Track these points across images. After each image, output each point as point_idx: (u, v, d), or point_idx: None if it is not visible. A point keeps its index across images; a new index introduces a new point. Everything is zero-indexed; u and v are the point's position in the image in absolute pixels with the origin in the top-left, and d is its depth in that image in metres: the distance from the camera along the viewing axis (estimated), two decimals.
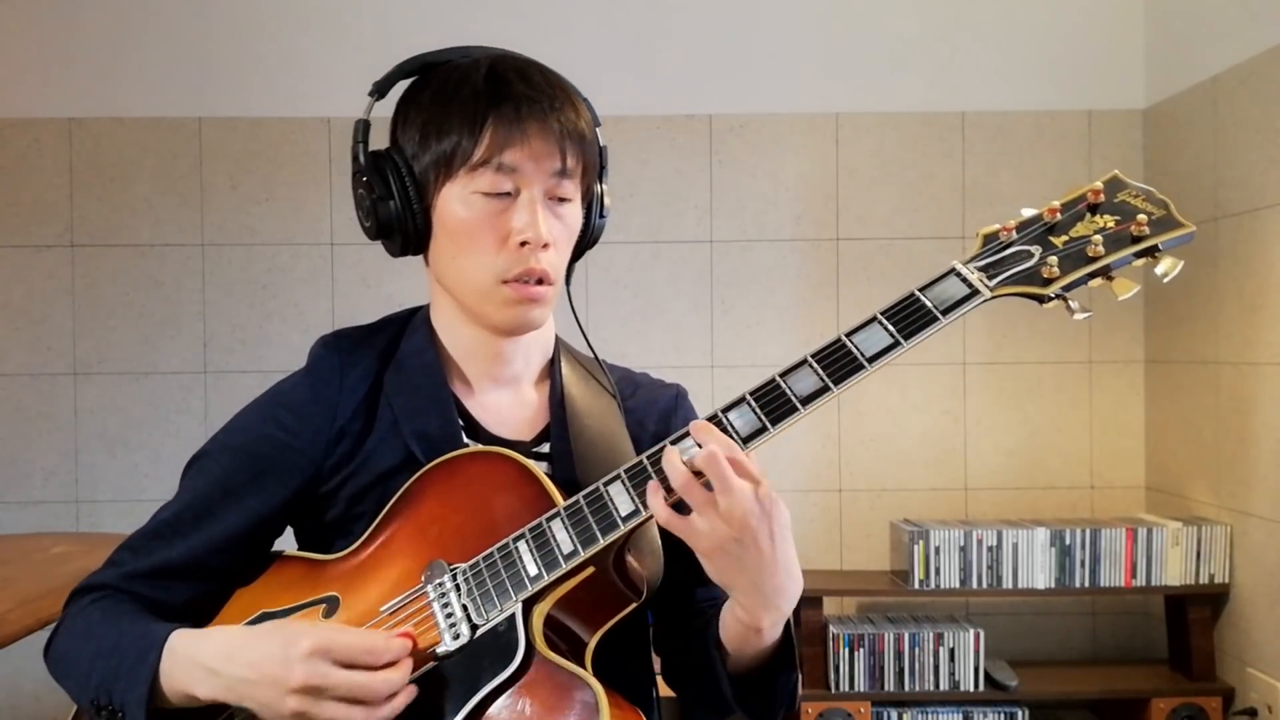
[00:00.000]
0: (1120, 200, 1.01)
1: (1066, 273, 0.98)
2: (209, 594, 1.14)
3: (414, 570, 1.06)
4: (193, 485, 1.15)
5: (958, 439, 3.17)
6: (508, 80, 1.10)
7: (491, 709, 0.97)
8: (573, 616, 1.02)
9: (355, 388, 1.15)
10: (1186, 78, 2.94)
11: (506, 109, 1.08)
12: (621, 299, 3.14)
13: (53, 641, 1.12)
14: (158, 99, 3.12)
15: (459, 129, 1.08)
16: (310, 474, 1.13)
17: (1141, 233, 0.98)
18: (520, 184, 1.09)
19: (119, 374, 3.13)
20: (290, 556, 1.15)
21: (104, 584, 1.12)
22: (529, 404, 1.20)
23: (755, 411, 0.98)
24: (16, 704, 3.05)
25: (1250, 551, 2.73)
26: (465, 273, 1.11)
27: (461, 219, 1.09)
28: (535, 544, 1.01)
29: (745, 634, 1.03)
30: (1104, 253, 0.98)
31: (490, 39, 1.25)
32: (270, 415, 1.15)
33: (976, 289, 0.98)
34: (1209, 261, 2.81)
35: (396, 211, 1.12)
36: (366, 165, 1.14)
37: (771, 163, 3.17)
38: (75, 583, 1.15)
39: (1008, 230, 1.01)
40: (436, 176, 1.10)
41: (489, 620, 1.00)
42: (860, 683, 2.82)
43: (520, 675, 0.97)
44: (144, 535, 1.14)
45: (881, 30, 3.17)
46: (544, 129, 1.08)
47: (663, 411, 1.24)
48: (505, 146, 1.07)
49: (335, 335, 1.20)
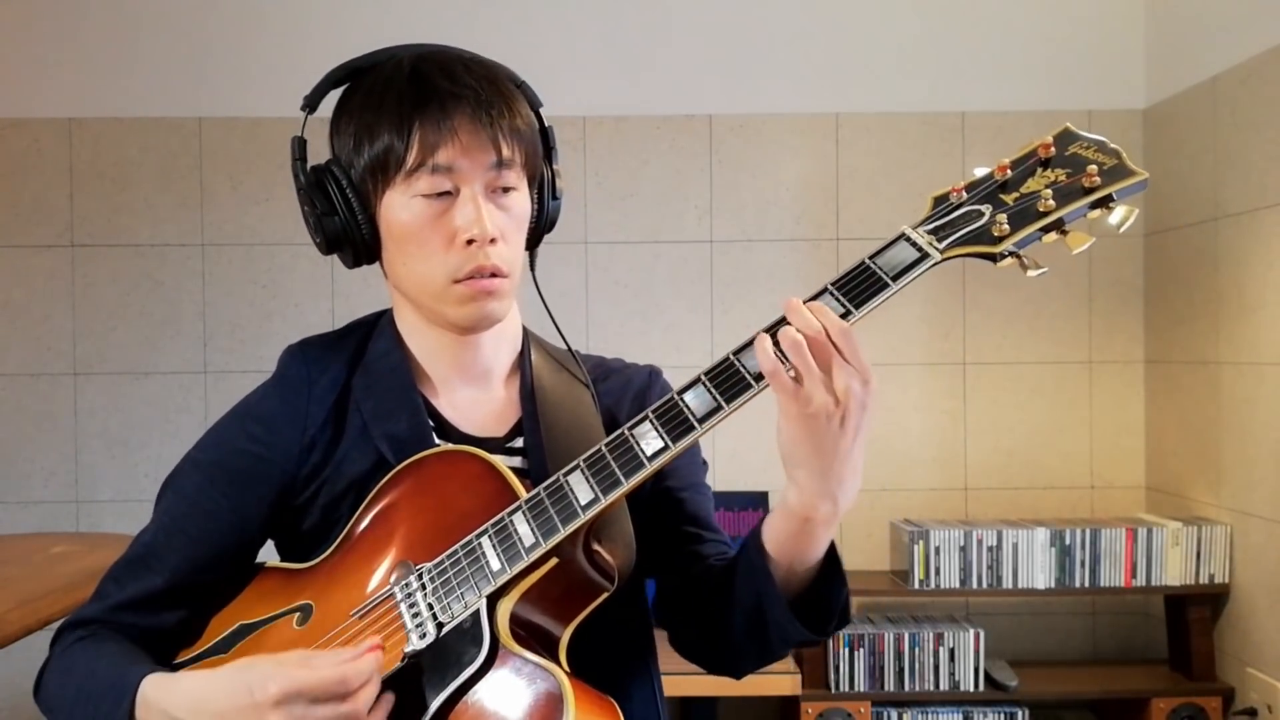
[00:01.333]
0: (1072, 153, 0.99)
1: (1017, 229, 0.96)
2: (196, 613, 1.13)
3: (385, 573, 1.06)
4: (168, 507, 1.15)
5: (958, 439, 3.17)
6: (431, 78, 1.08)
7: (459, 705, 0.96)
8: (541, 609, 1.01)
9: (324, 395, 1.14)
10: (1186, 78, 2.94)
11: (432, 109, 1.06)
12: (621, 299, 3.14)
13: (40, 681, 1.13)
14: (157, 99, 3.12)
15: (388, 134, 1.07)
16: (284, 485, 1.13)
17: (1093, 184, 0.95)
18: (458, 181, 1.08)
19: (119, 374, 3.13)
20: (270, 568, 1.15)
21: (90, 619, 1.12)
22: (499, 400, 1.19)
23: (710, 391, 0.97)
24: (16, 704, 3.05)
25: (1250, 551, 2.73)
26: (417, 276, 1.11)
27: (405, 224, 1.09)
28: (498, 538, 1.00)
29: (795, 530, 0.99)
30: (1055, 206, 0.96)
31: (490, 39, 1.25)
32: (241, 429, 1.15)
33: (926, 252, 0.96)
34: (1209, 261, 2.81)
35: (342, 225, 1.11)
36: (308, 182, 1.13)
37: (771, 163, 3.17)
38: (76, 583, 1.15)
39: (958, 191, 1.00)
40: (375, 185, 1.10)
41: (454, 618, 0.99)
42: (860, 683, 2.82)
43: (486, 670, 0.96)
44: (126, 563, 1.13)
45: (881, 30, 3.17)
46: (473, 123, 1.07)
47: (637, 390, 1.23)
48: (436, 147, 1.06)
49: (302, 344, 1.19)
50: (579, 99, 3.11)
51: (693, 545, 1.18)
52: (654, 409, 0.99)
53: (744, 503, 3.03)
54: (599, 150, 3.15)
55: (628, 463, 0.98)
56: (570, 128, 3.11)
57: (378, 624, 1.03)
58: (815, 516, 0.98)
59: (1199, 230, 2.85)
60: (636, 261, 3.15)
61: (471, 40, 1.20)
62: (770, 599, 1.01)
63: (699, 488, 1.23)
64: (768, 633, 1.04)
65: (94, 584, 1.15)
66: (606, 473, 0.98)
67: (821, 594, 1.04)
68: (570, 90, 3.09)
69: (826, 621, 1.04)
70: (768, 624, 1.03)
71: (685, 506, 1.20)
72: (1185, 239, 2.91)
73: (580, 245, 3.10)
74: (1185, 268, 2.92)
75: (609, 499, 0.97)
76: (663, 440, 0.97)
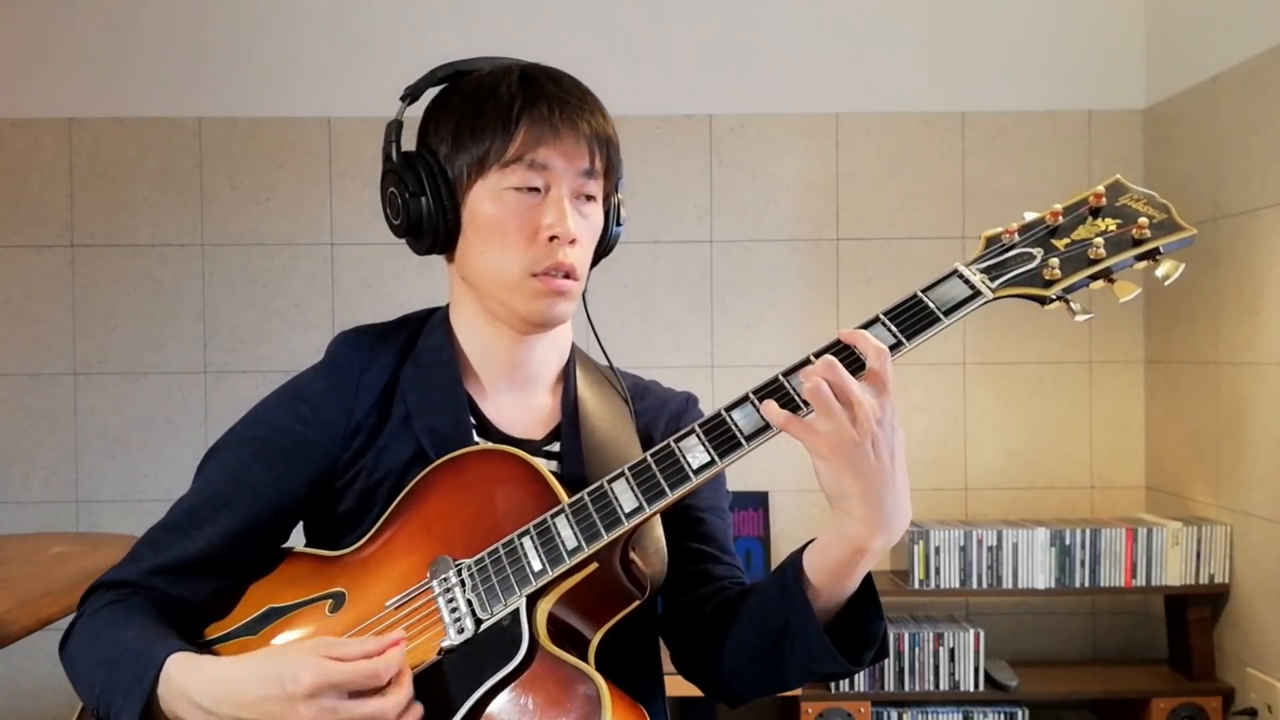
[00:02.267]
0: (1122, 204, 1.02)
1: (1068, 275, 0.99)
2: (227, 589, 1.14)
3: (419, 566, 1.07)
4: (210, 476, 1.16)
5: (958, 439, 3.17)
6: (540, 82, 1.14)
7: (494, 703, 0.97)
8: (576, 612, 1.02)
9: (373, 383, 1.16)
10: (1186, 78, 2.94)
11: (540, 108, 1.11)
12: (621, 299, 3.14)
13: (67, 638, 1.13)
14: (157, 99, 3.12)
15: (493, 127, 1.11)
16: (326, 467, 1.14)
17: (1143, 236, 0.99)
18: (550, 181, 1.12)
19: (119, 374, 3.13)
20: (300, 553, 1.16)
21: (123, 581, 1.13)
22: (542, 406, 1.21)
23: (758, 410, 0.98)
24: (16, 704, 3.05)
25: (1250, 551, 2.73)
26: (494, 266, 1.13)
27: (492, 214, 1.12)
28: (540, 539, 1.01)
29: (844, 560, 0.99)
30: (1105, 255, 0.99)
31: (490, 39, 1.26)
32: (288, 407, 1.16)
33: (979, 290, 0.99)
34: (1209, 261, 2.81)
35: (428, 208, 1.14)
36: (399, 163, 1.16)
37: (771, 163, 3.17)
38: (76, 583, 1.15)
39: (1010, 233, 1.02)
40: (469, 175, 1.13)
41: (493, 615, 1.01)
42: (860, 683, 2.82)
43: (524, 669, 0.97)
44: (163, 528, 1.15)
45: (881, 30, 3.17)
46: (575, 129, 1.12)
47: (674, 413, 1.26)
48: (538, 144, 1.11)
49: (356, 331, 1.21)
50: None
51: (706, 565, 1.19)
52: (701, 424, 1.00)
53: (744, 503, 3.03)
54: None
55: (673, 474, 0.99)
56: None
57: (413, 616, 1.04)
58: (870, 549, 0.98)
59: (1199, 230, 2.84)
60: (636, 261, 3.15)
61: (470, 41, 1.21)
62: (806, 627, 1.01)
63: (720, 511, 1.25)
64: (787, 662, 1.04)
65: None
66: (651, 483, 0.99)
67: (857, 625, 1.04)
68: None
69: (863, 650, 1.04)
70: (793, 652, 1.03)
71: (704, 527, 1.21)
72: None
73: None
74: (1185, 268, 2.91)
75: (653, 509, 0.99)
76: (709, 455, 0.99)
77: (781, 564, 1.06)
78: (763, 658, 1.06)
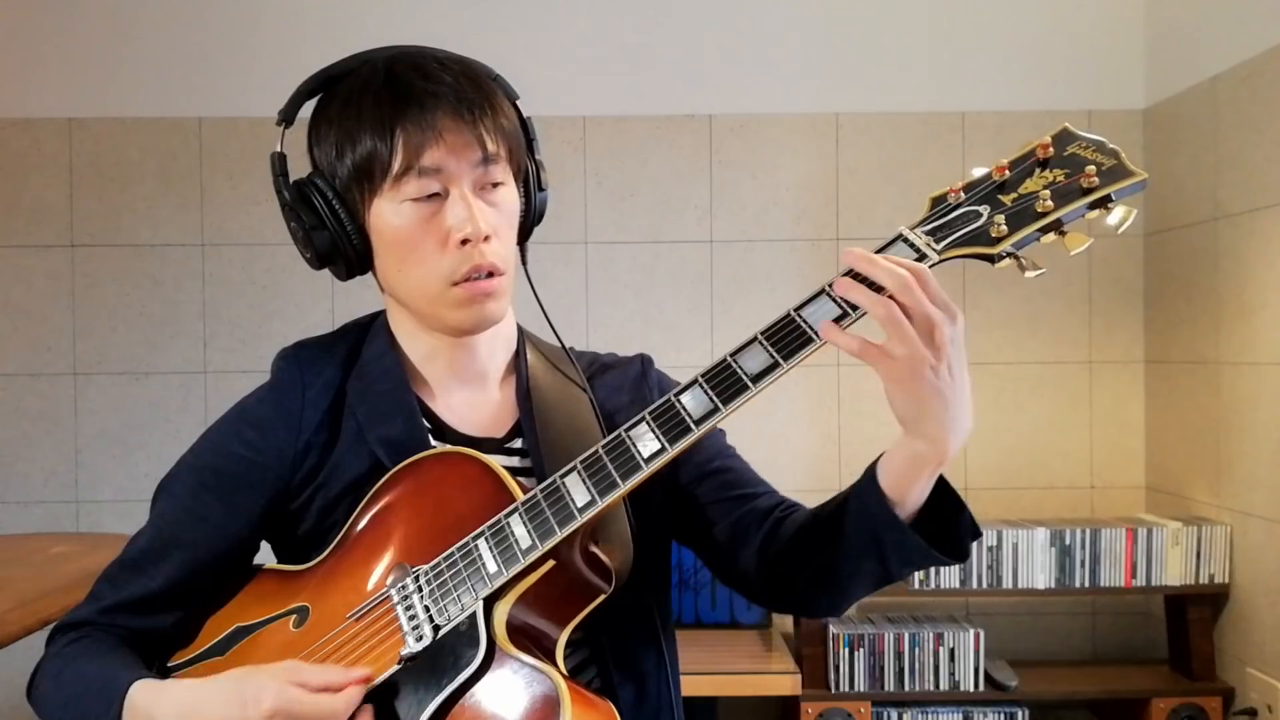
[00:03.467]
0: (1070, 153, 0.98)
1: (1015, 230, 0.96)
2: (191, 617, 1.13)
3: (382, 575, 1.05)
4: (163, 510, 1.14)
5: None
6: (407, 80, 1.07)
7: (455, 708, 0.96)
8: (539, 611, 1.01)
9: (318, 399, 1.14)
10: (1186, 78, 2.94)
11: (413, 110, 1.05)
12: (621, 299, 3.14)
13: (33, 682, 1.12)
14: (158, 99, 3.12)
15: (371, 139, 1.06)
16: (279, 489, 1.12)
17: (1091, 184, 0.95)
18: (447, 182, 1.07)
19: (119, 374, 3.13)
20: (268, 570, 1.15)
21: (84, 621, 1.11)
22: (496, 401, 1.18)
23: (707, 392, 0.97)
24: (17, 704, 3.05)
25: (1250, 551, 2.73)
26: (413, 282, 1.10)
27: (397, 229, 1.07)
28: (494, 541, 1.00)
29: (919, 474, 0.99)
30: (1053, 207, 0.95)
31: (488, 39, 1.25)
32: (235, 433, 1.14)
33: (924, 253, 0.96)
34: (1209, 261, 2.81)
35: (332, 238, 1.10)
36: (292, 197, 1.12)
37: (771, 163, 3.17)
38: (75, 583, 1.15)
39: (955, 192, 0.99)
40: (361, 193, 1.08)
41: (451, 620, 0.99)
42: (860, 683, 2.82)
43: (482, 673, 0.96)
44: (121, 566, 1.13)
45: (881, 30, 3.17)
46: (456, 121, 1.06)
47: (634, 380, 1.23)
48: (421, 149, 1.05)
49: (296, 346, 1.18)
50: (579, 99, 3.11)
51: (751, 504, 1.16)
52: (650, 410, 0.98)
53: None
54: (599, 150, 3.15)
55: (624, 464, 0.97)
56: (570, 128, 3.11)
57: (374, 626, 1.03)
58: (944, 458, 0.98)
59: (1199, 230, 2.85)
60: (636, 261, 3.15)
61: (469, 41, 1.20)
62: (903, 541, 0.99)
63: (728, 454, 1.23)
64: (889, 565, 1.03)
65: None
66: (603, 475, 0.98)
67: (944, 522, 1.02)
68: (570, 90, 3.08)
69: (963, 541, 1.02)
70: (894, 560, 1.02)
71: (729, 475, 1.19)
72: (1185, 239, 2.91)
73: (580, 245, 3.10)
74: (1185, 268, 2.92)
75: (606, 501, 0.97)
76: (660, 442, 0.97)
77: (855, 487, 1.04)
78: (863, 569, 1.04)
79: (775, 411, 3.11)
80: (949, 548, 1.01)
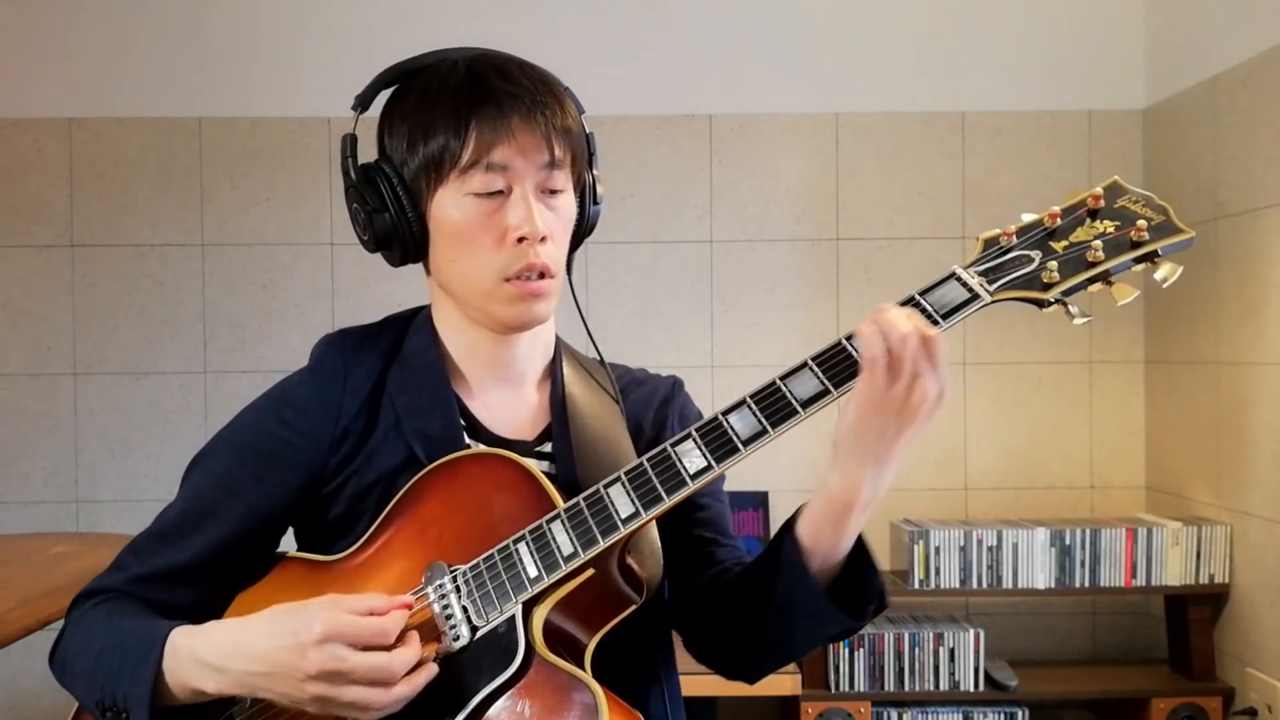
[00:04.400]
0: (1120, 206, 1.02)
1: (1066, 277, 0.98)
2: (214, 595, 1.13)
3: (414, 572, 1.05)
4: (196, 485, 1.15)
5: (958, 439, 3.17)
6: (487, 78, 1.10)
7: (491, 710, 0.96)
8: (572, 618, 1.02)
9: (359, 387, 1.15)
10: (1186, 78, 2.94)
11: (489, 107, 1.08)
12: (621, 299, 3.14)
13: (57, 646, 1.12)
14: (158, 99, 3.12)
15: (444, 132, 1.08)
16: (314, 472, 1.13)
17: (1141, 238, 0.99)
18: (511, 180, 1.09)
19: (119, 374, 3.13)
20: (293, 558, 1.15)
21: (109, 588, 1.12)
22: (530, 404, 1.19)
23: (755, 414, 0.98)
24: (16, 704, 3.05)
25: (1250, 551, 2.73)
26: (467, 274, 1.11)
27: (457, 222, 1.09)
28: (535, 545, 1.01)
29: (834, 517, 1.01)
30: (1104, 258, 0.99)
31: (489, 39, 1.25)
32: (274, 413, 1.15)
33: (977, 293, 0.98)
34: (1209, 261, 2.81)
35: (392, 222, 1.12)
36: (358, 179, 1.13)
37: (771, 163, 3.17)
38: (75, 583, 1.15)
39: (1008, 235, 1.01)
40: (428, 182, 1.10)
41: (489, 622, 1.00)
42: (860, 683, 2.82)
43: (520, 677, 0.96)
44: (148, 537, 1.14)
45: (881, 30, 3.17)
46: (528, 123, 1.08)
47: (662, 399, 1.24)
48: (492, 145, 1.07)
49: (340, 334, 1.19)
50: (579, 99, 3.11)
51: (709, 549, 1.19)
52: (698, 428, 1.00)
53: (744, 503, 3.03)
54: (599, 150, 3.14)
55: (670, 479, 0.99)
56: None
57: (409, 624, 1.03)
58: (857, 501, 1.00)
59: (1199, 230, 2.84)
60: (636, 261, 3.15)
61: (471, 40, 1.20)
62: (807, 590, 1.02)
63: (718, 495, 1.24)
64: (796, 629, 1.05)
65: None
66: (648, 488, 0.99)
67: (855, 582, 1.05)
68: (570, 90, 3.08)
69: (864, 606, 1.05)
70: (800, 618, 1.04)
71: (703, 513, 1.21)
72: None
73: (580, 245, 3.10)
74: (1185, 268, 2.91)
75: (650, 514, 0.98)
76: (706, 460, 0.98)
77: (777, 533, 1.07)
78: (772, 629, 1.07)
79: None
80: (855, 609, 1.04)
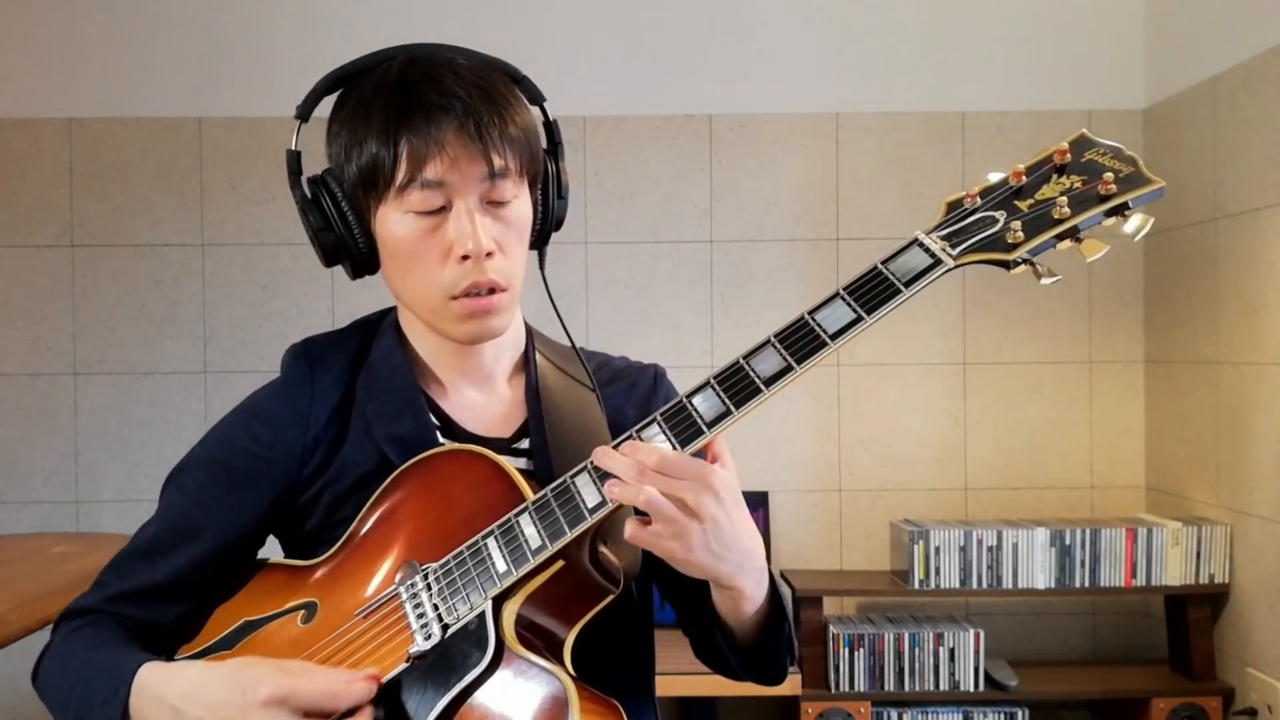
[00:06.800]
0: (1088, 159, 0.98)
1: (1031, 237, 0.95)
2: (195, 610, 1.13)
3: (390, 572, 1.05)
4: (171, 502, 1.14)
5: (958, 439, 3.17)
6: (417, 89, 1.04)
7: (463, 707, 0.96)
8: (546, 611, 1.01)
9: (327, 395, 1.14)
10: (1186, 78, 2.94)
11: (418, 122, 1.02)
12: (621, 299, 3.14)
13: (38, 667, 1.13)
14: (158, 99, 3.13)
15: (376, 147, 1.04)
16: (286, 484, 1.12)
17: (1109, 191, 0.94)
18: (451, 196, 1.04)
19: (119, 374, 3.13)
20: (274, 564, 1.15)
21: (89, 608, 1.12)
22: (505, 400, 1.18)
23: (719, 395, 0.96)
24: (16, 704, 3.05)
25: (1250, 551, 2.73)
26: (416, 291, 1.09)
27: (399, 239, 1.06)
28: (504, 540, 0.99)
29: (734, 604, 1.04)
30: (1070, 214, 0.94)
31: (489, 38, 1.24)
32: (244, 428, 1.14)
33: (939, 258, 0.96)
34: (1209, 261, 2.81)
35: (338, 239, 1.10)
36: (303, 196, 1.12)
37: (771, 163, 3.17)
38: (75, 582, 1.15)
39: (971, 197, 0.99)
40: (368, 198, 1.08)
41: (459, 619, 0.99)
42: (860, 683, 2.82)
43: (491, 672, 0.96)
44: (127, 555, 1.13)
45: (881, 30, 3.17)
46: (461, 135, 1.03)
47: (643, 396, 1.22)
48: (424, 162, 1.02)
49: (305, 343, 1.18)
50: (579, 99, 3.11)
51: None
52: (662, 412, 0.98)
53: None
54: (599, 150, 3.15)
55: None
56: (570, 128, 3.10)
57: (382, 624, 1.03)
58: (746, 591, 1.02)
59: (1199, 230, 2.85)
60: (636, 261, 3.15)
61: (470, 40, 1.20)
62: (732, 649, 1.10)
63: None
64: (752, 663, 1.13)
65: None
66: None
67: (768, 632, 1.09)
68: (570, 90, 3.08)
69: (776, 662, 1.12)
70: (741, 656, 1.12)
71: None
72: (1185, 239, 2.91)
73: (580, 245, 3.10)
74: (1185, 268, 2.92)
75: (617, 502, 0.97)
76: (671, 444, 0.96)
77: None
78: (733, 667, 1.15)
79: (775, 411, 3.11)
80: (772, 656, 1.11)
